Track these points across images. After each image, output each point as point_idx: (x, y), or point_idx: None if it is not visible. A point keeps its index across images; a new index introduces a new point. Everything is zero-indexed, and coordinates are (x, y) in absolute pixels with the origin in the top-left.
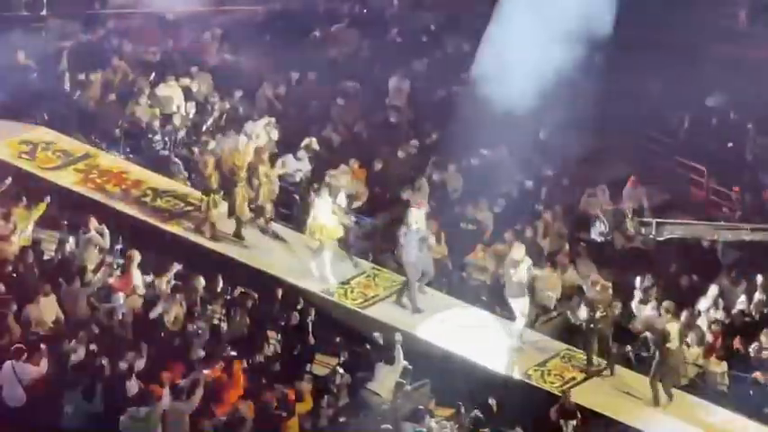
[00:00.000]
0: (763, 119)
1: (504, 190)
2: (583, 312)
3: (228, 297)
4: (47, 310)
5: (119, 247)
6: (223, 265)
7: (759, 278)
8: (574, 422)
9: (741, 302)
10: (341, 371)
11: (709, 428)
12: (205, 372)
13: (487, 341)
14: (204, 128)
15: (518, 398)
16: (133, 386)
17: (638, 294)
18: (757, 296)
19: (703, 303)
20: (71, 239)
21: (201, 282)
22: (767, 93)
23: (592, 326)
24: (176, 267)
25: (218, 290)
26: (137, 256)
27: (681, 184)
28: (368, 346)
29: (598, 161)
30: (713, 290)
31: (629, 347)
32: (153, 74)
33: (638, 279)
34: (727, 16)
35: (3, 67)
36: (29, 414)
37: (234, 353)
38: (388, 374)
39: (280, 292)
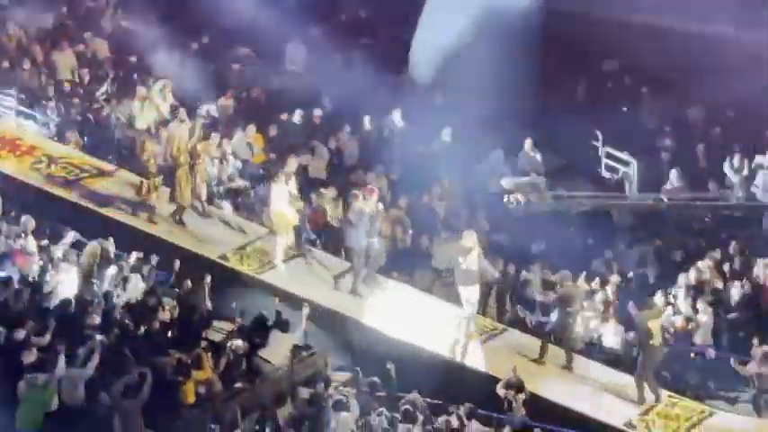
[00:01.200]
0: (657, 83)
1: (401, 156)
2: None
3: (124, 264)
4: None
5: (12, 214)
6: (121, 232)
7: (657, 241)
8: (522, 395)
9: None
10: (238, 341)
11: (603, 388)
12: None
13: (395, 309)
14: (98, 94)
15: (417, 363)
16: (31, 355)
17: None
18: (653, 259)
19: (597, 265)
20: None
21: (97, 249)
22: (660, 58)
23: (570, 321)
24: (73, 236)
25: (112, 256)
26: (31, 223)
27: (577, 149)
28: (264, 313)
29: (495, 126)
30: (608, 254)
31: (520, 309)
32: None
33: (533, 245)
34: None
35: None
36: None
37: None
38: (281, 341)
39: (177, 261)
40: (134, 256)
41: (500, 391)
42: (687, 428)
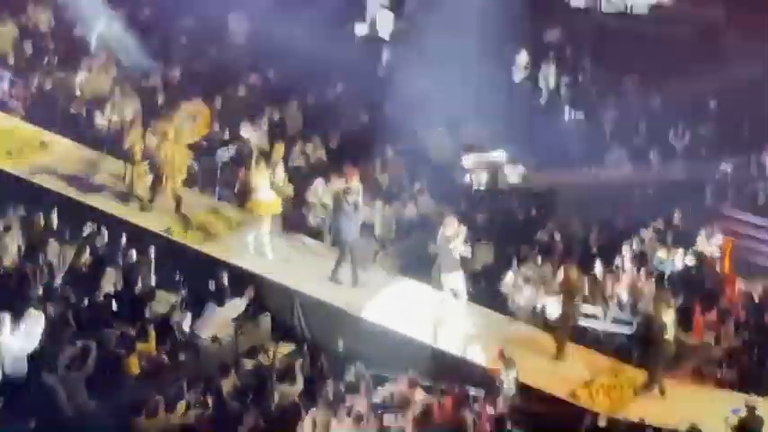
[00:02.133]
0: (597, 53)
1: (344, 127)
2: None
3: (69, 235)
4: None
5: None
6: (67, 205)
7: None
8: (515, 372)
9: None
10: (183, 314)
11: (547, 358)
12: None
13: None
14: (41, 66)
15: (366, 336)
16: None
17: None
18: (595, 230)
19: (541, 235)
20: None
21: (39, 221)
22: (599, 28)
23: (573, 312)
24: (20, 211)
25: (54, 227)
26: None
27: (521, 118)
28: (209, 285)
29: (438, 98)
30: (550, 224)
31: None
32: None
33: (478, 216)
34: None
35: None
36: None
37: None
38: (217, 315)
39: (124, 234)
40: (88, 228)
41: (492, 367)
42: (631, 397)
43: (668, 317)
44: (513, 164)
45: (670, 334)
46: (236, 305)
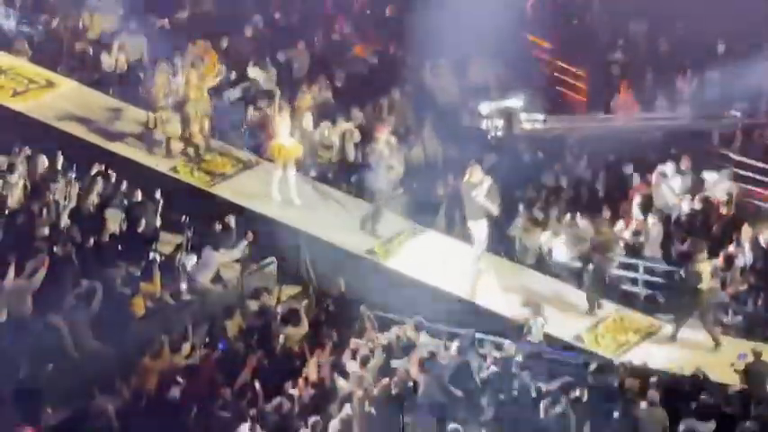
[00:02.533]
0: None
1: (352, 69)
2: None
3: (75, 175)
4: None
5: None
6: (73, 144)
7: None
8: (543, 320)
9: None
10: (189, 255)
11: (552, 302)
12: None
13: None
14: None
15: (368, 277)
16: None
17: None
18: (602, 174)
19: (546, 178)
20: None
21: (44, 161)
22: None
23: (608, 267)
24: (26, 151)
25: (60, 168)
26: None
27: (528, 62)
28: (217, 226)
29: (443, 38)
30: (556, 167)
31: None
32: None
33: (485, 157)
34: None
35: None
36: None
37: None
38: (214, 259)
39: (130, 174)
40: (95, 168)
41: (520, 316)
42: (636, 342)
43: (705, 267)
44: (529, 110)
45: (705, 284)
46: (234, 249)
